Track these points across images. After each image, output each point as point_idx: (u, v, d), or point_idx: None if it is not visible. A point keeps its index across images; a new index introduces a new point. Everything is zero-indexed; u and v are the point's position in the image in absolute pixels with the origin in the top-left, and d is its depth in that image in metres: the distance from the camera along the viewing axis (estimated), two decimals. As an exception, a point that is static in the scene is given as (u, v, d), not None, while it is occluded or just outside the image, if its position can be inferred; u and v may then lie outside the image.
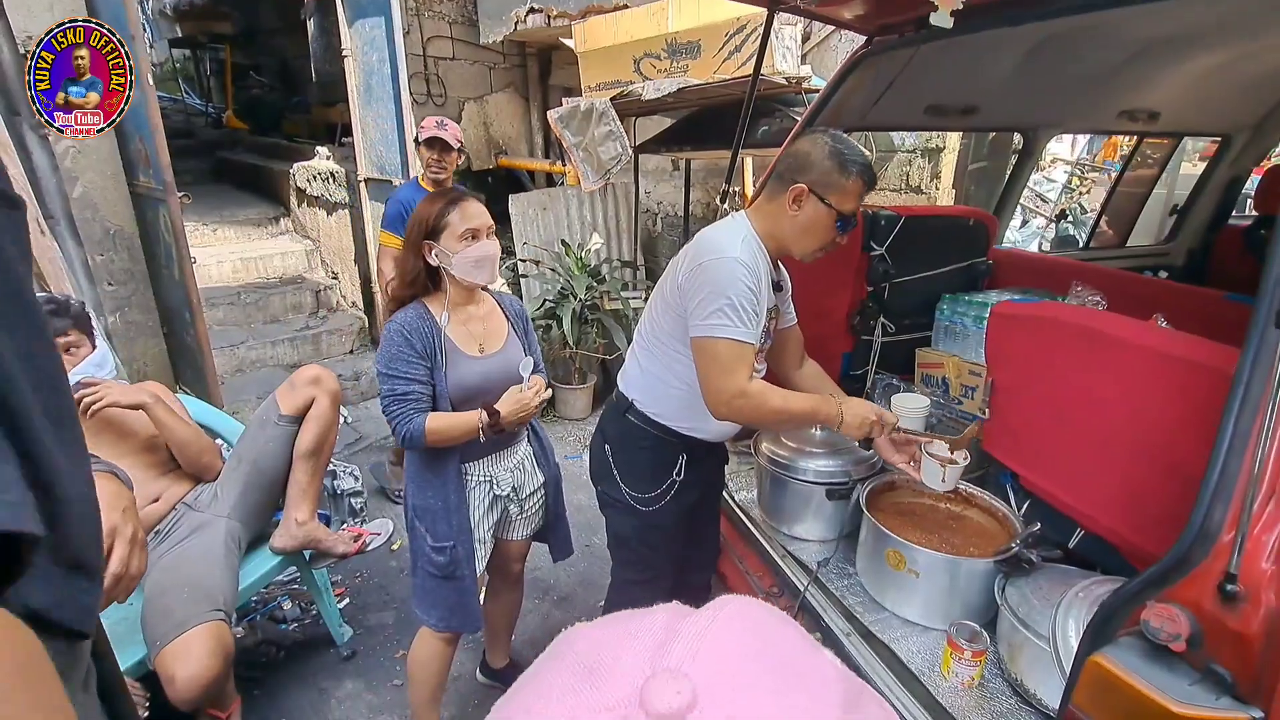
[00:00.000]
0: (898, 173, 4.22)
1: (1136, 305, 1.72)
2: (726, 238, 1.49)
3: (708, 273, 1.44)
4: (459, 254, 1.65)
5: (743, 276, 1.42)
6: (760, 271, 1.48)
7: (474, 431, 1.64)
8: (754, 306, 1.44)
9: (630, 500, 1.69)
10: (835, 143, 1.48)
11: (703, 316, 1.43)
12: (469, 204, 1.67)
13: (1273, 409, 0.78)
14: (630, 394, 1.68)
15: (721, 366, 1.44)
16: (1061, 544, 1.57)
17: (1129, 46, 2.21)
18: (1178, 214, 3.56)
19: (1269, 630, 0.78)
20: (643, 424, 1.66)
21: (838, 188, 1.46)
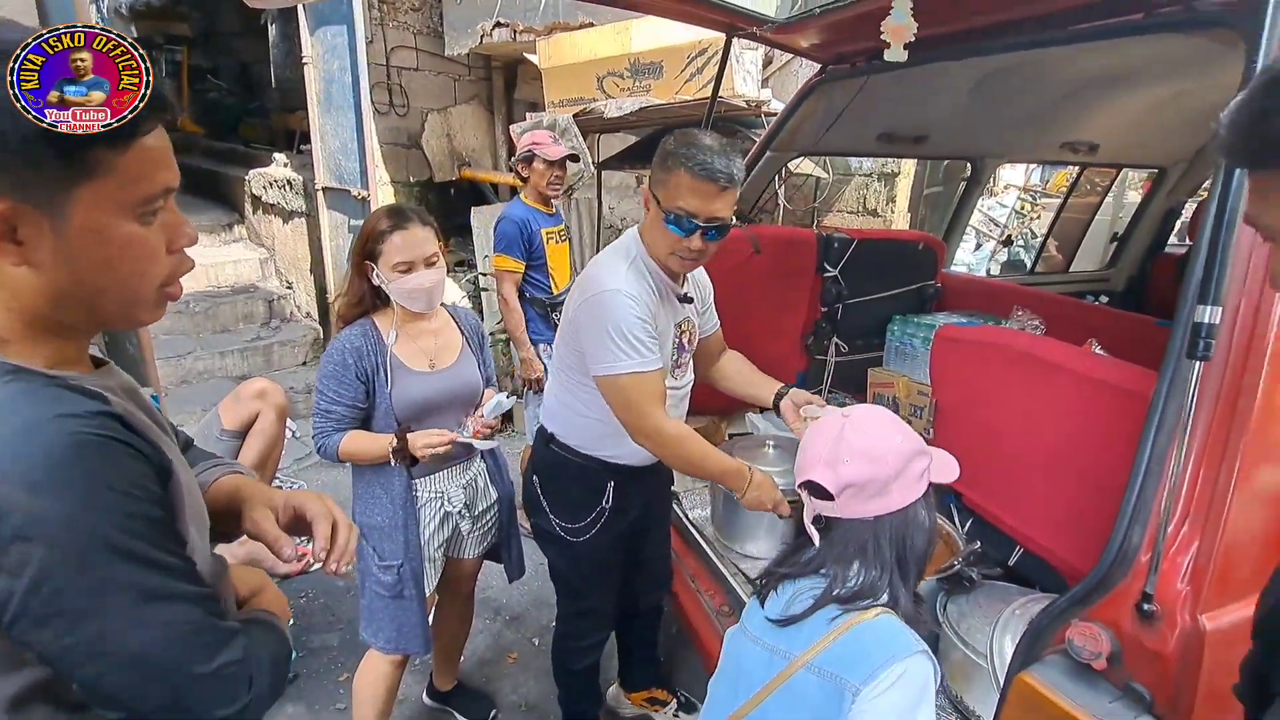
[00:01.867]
0: (854, 196, 4.32)
1: (1074, 330, 1.79)
2: (608, 269, 1.46)
3: (593, 309, 1.42)
4: (394, 283, 1.60)
5: (627, 307, 1.38)
6: (648, 295, 1.45)
7: (385, 455, 1.60)
8: (647, 333, 1.41)
9: (560, 532, 1.66)
10: (673, 140, 1.41)
11: (600, 356, 1.41)
12: (410, 231, 1.59)
13: (1186, 434, 0.81)
14: (550, 426, 1.67)
15: (630, 402, 1.42)
16: (1002, 562, 1.61)
17: (1069, 82, 2.32)
18: (1118, 242, 3.73)
19: (1184, 649, 0.81)
20: (565, 454, 1.64)
21: (663, 184, 1.40)
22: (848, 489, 0.96)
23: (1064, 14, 1.38)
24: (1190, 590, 0.82)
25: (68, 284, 0.60)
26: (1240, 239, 0.79)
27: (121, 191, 0.59)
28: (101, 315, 0.64)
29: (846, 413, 1.03)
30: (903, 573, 0.98)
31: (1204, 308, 0.77)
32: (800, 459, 1.04)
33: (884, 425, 1.02)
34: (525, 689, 2.33)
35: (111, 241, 0.60)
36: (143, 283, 0.63)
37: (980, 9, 1.51)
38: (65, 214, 0.57)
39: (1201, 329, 0.77)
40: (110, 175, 0.58)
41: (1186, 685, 0.81)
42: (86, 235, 0.59)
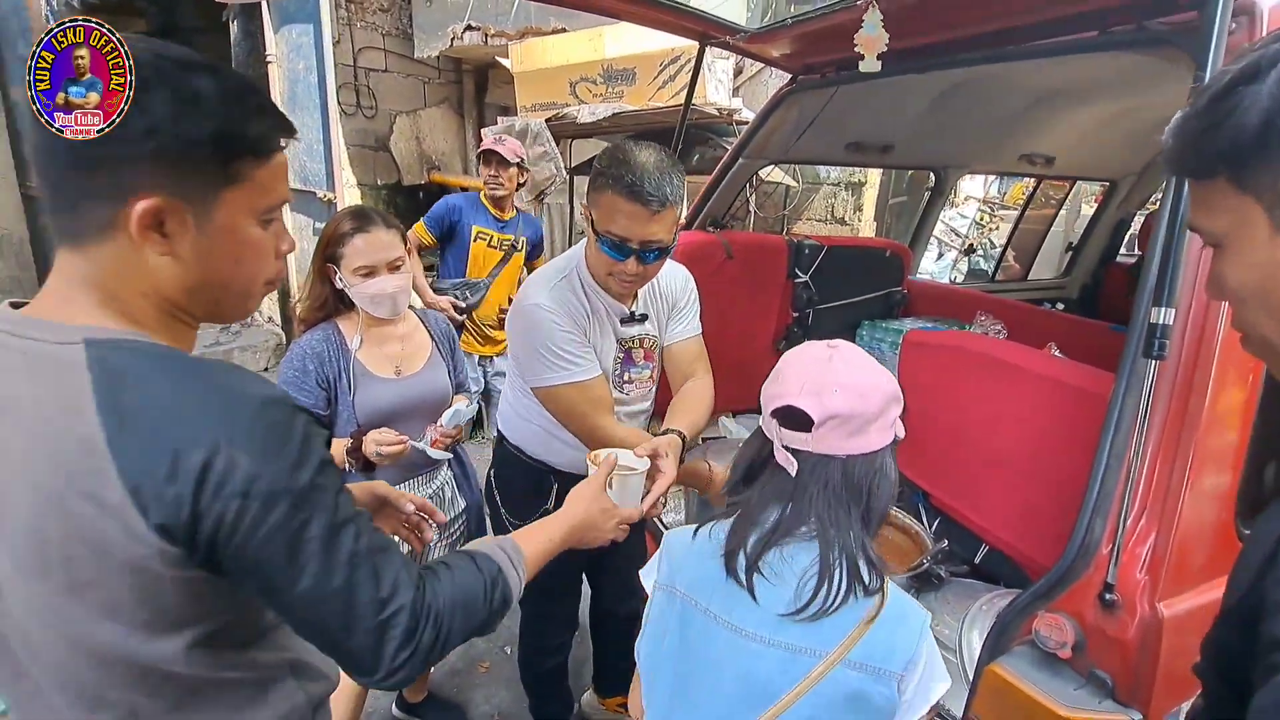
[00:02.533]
0: (823, 204, 4.41)
1: (1034, 334, 1.86)
2: (537, 281, 1.44)
3: (515, 323, 1.42)
4: (355, 287, 1.56)
5: (549, 320, 1.36)
6: (575, 309, 1.41)
7: (342, 460, 1.52)
8: (572, 344, 1.38)
9: (510, 528, 1.66)
10: (605, 157, 1.32)
11: (532, 369, 1.40)
12: (373, 234, 1.54)
13: (1142, 431, 0.85)
14: (502, 425, 1.71)
15: (571, 412, 1.41)
16: (968, 559, 1.65)
17: (1028, 96, 2.41)
18: (1072, 251, 3.87)
19: (1143, 636, 0.85)
20: (515, 453, 1.66)
21: (595, 205, 1.32)
22: (831, 420, 0.86)
23: (1023, 30, 1.44)
24: (1148, 579, 0.86)
25: (200, 275, 0.67)
26: (1191, 245, 0.84)
27: (255, 199, 0.68)
28: (221, 306, 0.72)
29: (834, 344, 0.95)
30: (866, 523, 0.91)
31: (1159, 309, 0.81)
32: (776, 386, 0.93)
33: (871, 362, 0.95)
34: (497, 698, 2.30)
35: (242, 241, 0.68)
36: (257, 279, 0.72)
37: (943, 24, 1.56)
38: (209, 213, 0.65)
39: (1156, 329, 0.81)
40: (250, 183, 0.67)
41: (1146, 670, 0.84)
42: (224, 234, 0.67)
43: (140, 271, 0.65)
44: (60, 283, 0.65)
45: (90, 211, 0.62)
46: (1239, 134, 0.50)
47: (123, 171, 0.61)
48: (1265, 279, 0.53)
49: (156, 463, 0.59)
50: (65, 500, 0.60)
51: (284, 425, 0.64)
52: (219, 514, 0.60)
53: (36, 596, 0.64)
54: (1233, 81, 0.51)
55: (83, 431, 0.59)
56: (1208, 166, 0.54)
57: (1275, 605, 0.47)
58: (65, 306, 0.65)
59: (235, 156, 0.65)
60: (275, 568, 0.63)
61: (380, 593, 0.67)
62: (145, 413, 0.60)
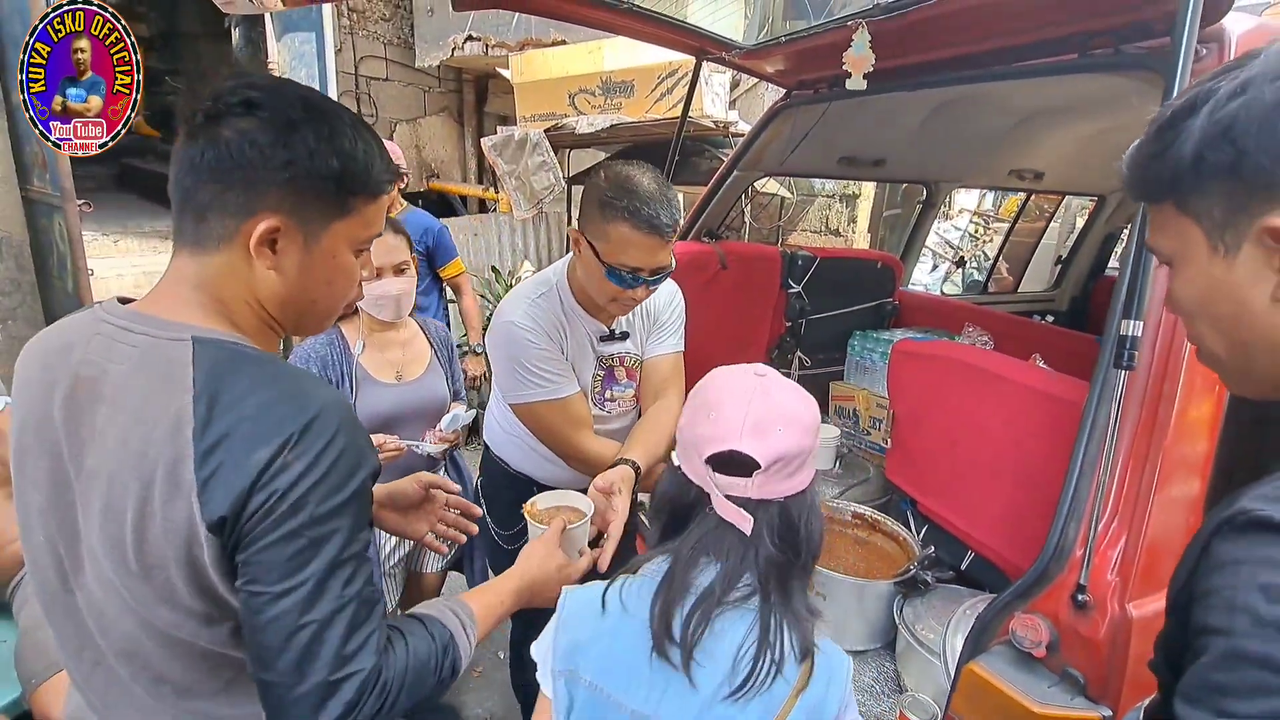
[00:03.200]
0: (818, 216, 4.47)
1: (1020, 346, 1.90)
2: (513, 300, 1.42)
3: (493, 340, 1.42)
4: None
5: (526, 338, 1.35)
6: (552, 327, 1.40)
7: None
8: (548, 362, 1.38)
9: (495, 537, 1.69)
10: (611, 183, 1.27)
11: (509, 386, 1.42)
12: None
13: (1112, 437, 0.89)
14: (487, 435, 1.73)
15: (549, 428, 1.43)
16: (955, 566, 1.68)
17: (1016, 113, 2.46)
18: (1061, 264, 3.93)
19: (1113, 636, 0.88)
20: (499, 463, 1.69)
21: (603, 236, 1.27)
22: (776, 463, 0.77)
23: (1007, 51, 1.48)
24: (1119, 581, 0.89)
25: (296, 291, 0.74)
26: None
27: (358, 230, 0.76)
28: (305, 319, 0.79)
29: (760, 371, 0.84)
30: (805, 572, 0.82)
31: (1128, 322, 0.85)
32: (709, 427, 0.79)
33: (797, 388, 0.85)
34: (490, 703, 2.31)
35: (338, 266, 0.76)
36: (341, 300, 0.80)
37: (930, 45, 1.61)
38: (318, 238, 0.73)
39: (1126, 341, 0.85)
40: (357, 217, 0.75)
41: (1116, 668, 0.88)
42: (325, 257, 0.74)
43: (247, 281, 0.72)
44: (173, 283, 0.72)
45: (217, 222, 0.69)
46: (1178, 164, 0.55)
47: (255, 193, 0.68)
48: (1206, 295, 0.57)
49: (228, 455, 0.63)
50: (150, 484, 0.64)
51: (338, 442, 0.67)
52: (257, 505, 0.63)
53: (117, 575, 0.67)
54: (1175, 115, 0.56)
55: (176, 419, 0.64)
56: (1156, 192, 0.59)
57: (1202, 593, 0.50)
58: (177, 305, 0.71)
59: (352, 193, 0.73)
60: (270, 573, 0.64)
61: (346, 648, 0.66)
62: (231, 409, 0.65)
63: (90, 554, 0.69)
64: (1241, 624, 0.46)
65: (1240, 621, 0.46)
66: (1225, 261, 0.55)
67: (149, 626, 0.69)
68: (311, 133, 0.69)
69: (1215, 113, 0.53)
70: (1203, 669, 0.48)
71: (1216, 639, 0.47)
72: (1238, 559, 0.48)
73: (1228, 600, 0.47)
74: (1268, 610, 0.45)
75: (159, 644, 0.69)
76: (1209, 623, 0.49)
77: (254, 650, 0.66)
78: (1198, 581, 0.52)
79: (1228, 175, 0.53)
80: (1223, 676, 0.46)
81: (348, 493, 0.67)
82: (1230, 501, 0.52)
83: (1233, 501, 0.52)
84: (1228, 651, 0.46)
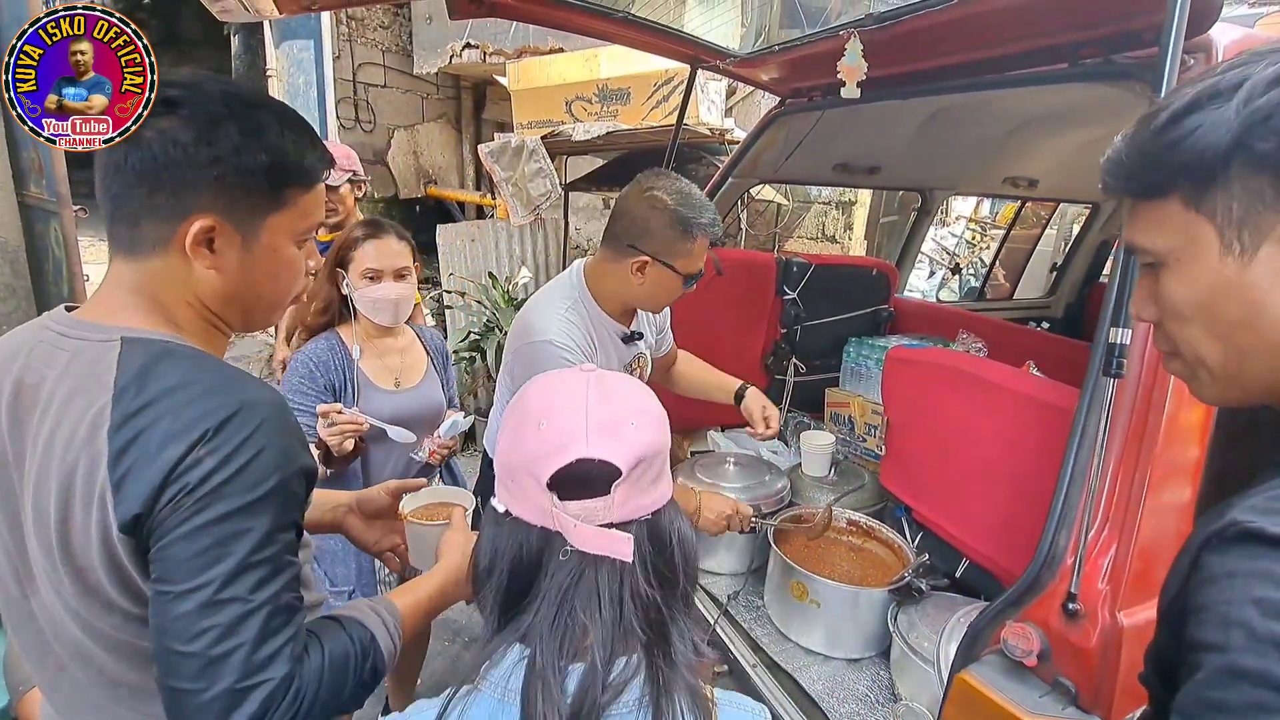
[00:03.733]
0: (814, 223, 4.48)
1: (1014, 352, 1.90)
2: (541, 315, 1.44)
3: (524, 358, 1.42)
4: (359, 291, 1.59)
5: (561, 357, 1.37)
6: (583, 340, 1.43)
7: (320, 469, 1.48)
8: None
9: None
10: (673, 200, 1.38)
11: None
12: (383, 241, 1.60)
13: (1102, 445, 0.89)
14: (490, 450, 1.71)
15: None
16: (949, 573, 1.68)
17: (1010, 122, 2.47)
18: (1056, 272, 3.94)
19: (1104, 644, 0.88)
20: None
21: (683, 253, 1.40)
22: (638, 466, 0.61)
23: (999, 60, 1.49)
24: (1109, 589, 0.89)
25: (238, 288, 0.73)
26: (1148, 269, 0.88)
27: (297, 222, 0.75)
28: (252, 315, 0.78)
29: (586, 367, 0.70)
30: (687, 604, 0.68)
31: (1116, 330, 0.85)
32: (534, 443, 0.63)
33: (631, 378, 0.73)
34: None
35: (281, 260, 0.75)
36: (288, 293, 0.79)
37: (923, 54, 1.62)
38: (256, 234, 0.72)
39: (1115, 349, 0.85)
40: (294, 209, 0.74)
41: (1107, 678, 0.87)
42: (266, 253, 0.73)
43: (186, 282, 0.71)
44: (112, 288, 0.71)
45: (150, 227, 0.68)
46: (1203, 153, 0.51)
47: (185, 193, 0.67)
48: (1210, 298, 0.54)
49: (142, 453, 0.62)
50: (70, 486, 0.63)
51: (258, 439, 0.64)
52: (166, 501, 0.62)
53: (52, 580, 0.67)
54: (1194, 102, 0.52)
55: (95, 420, 0.63)
56: (1161, 184, 0.55)
57: (1195, 607, 0.49)
58: (115, 309, 0.70)
59: (285, 185, 0.72)
60: (176, 570, 0.62)
61: (256, 655, 0.62)
62: (148, 408, 0.63)
63: (36, 560, 0.69)
64: (1237, 640, 0.45)
65: (1235, 637, 0.45)
66: (1239, 262, 0.52)
67: (92, 629, 0.68)
68: (236, 128, 0.67)
69: (1252, 100, 0.49)
70: (1199, 686, 0.47)
71: (1212, 655, 0.46)
72: (1230, 572, 0.47)
73: (1222, 615, 0.46)
74: (1263, 625, 0.44)
75: (105, 647, 0.69)
76: (1203, 638, 0.48)
77: (158, 653, 0.62)
78: (1189, 595, 0.51)
79: (1262, 168, 0.49)
80: (1219, 694, 0.45)
81: (262, 491, 0.64)
82: (1220, 512, 0.51)
83: (1222, 513, 0.51)
84: (1224, 668, 0.45)
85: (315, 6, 1.50)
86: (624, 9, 1.78)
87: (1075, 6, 1.25)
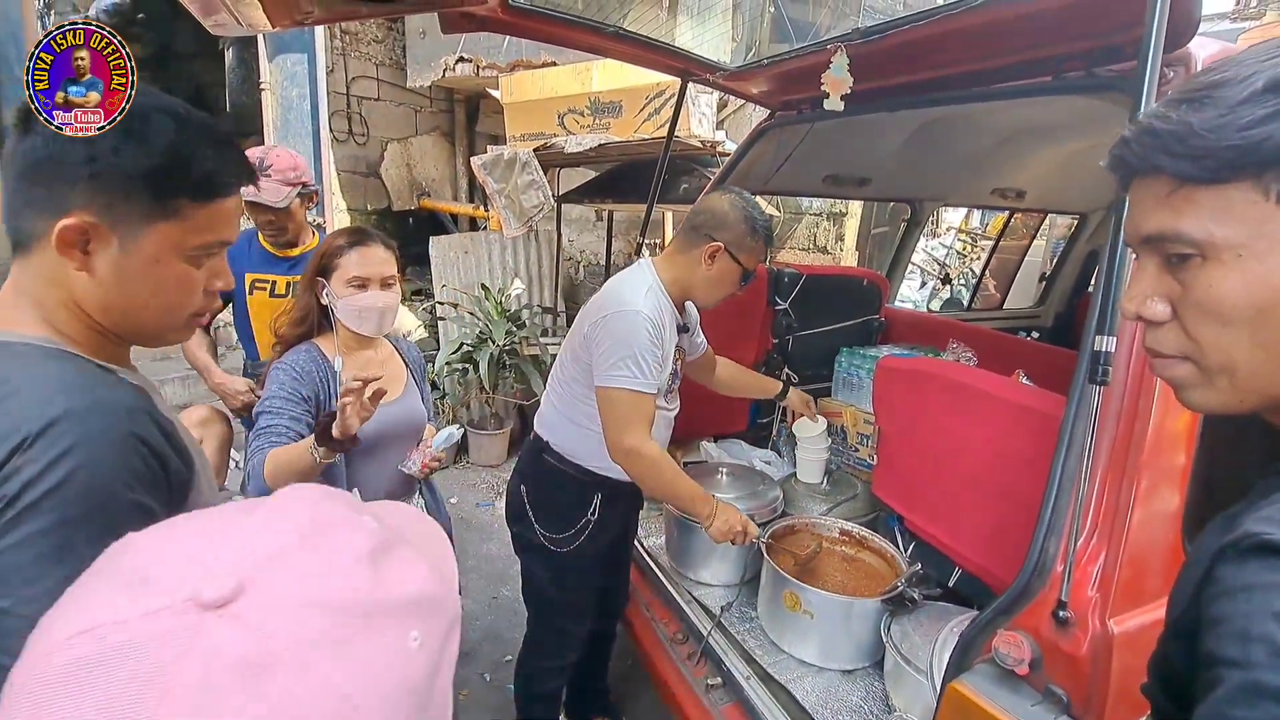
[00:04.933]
0: (805, 234, 4.51)
1: (1004, 362, 1.91)
2: (630, 290, 1.57)
3: (611, 325, 1.51)
4: (344, 300, 1.54)
5: (646, 328, 1.49)
6: (664, 321, 1.56)
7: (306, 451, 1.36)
8: (656, 358, 1.51)
9: (545, 541, 1.70)
10: (746, 205, 1.60)
11: (606, 367, 1.50)
12: (370, 249, 1.56)
13: (1090, 452, 0.90)
14: (545, 435, 1.73)
15: (620, 416, 1.51)
16: (942, 583, 1.68)
17: (997, 134, 2.51)
18: (1046, 282, 3.97)
19: (1095, 652, 0.88)
20: (558, 463, 1.69)
21: (748, 248, 1.58)
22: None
23: (984, 74, 1.51)
24: (1099, 597, 0.89)
25: (115, 297, 0.70)
26: (1131, 278, 0.89)
27: (187, 237, 0.70)
28: (138, 329, 0.74)
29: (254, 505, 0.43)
30: None
31: (1102, 338, 0.86)
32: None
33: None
34: (476, 725, 2.28)
35: (164, 273, 0.71)
36: (178, 311, 0.74)
37: (908, 68, 1.64)
38: (136, 241, 0.68)
39: (1100, 357, 0.85)
40: (184, 222, 0.70)
41: (1099, 685, 0.87)
42: (147, 263, 0.69)
43: (64, 284, 0.69)
44: (7, 290, 0.70)
45: (29, 221, 0.67)
46: None
47: (59, 190, 0.66)
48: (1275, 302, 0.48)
49: None
50: None
51: (78, 453, 0.62)
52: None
53: None
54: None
55: None
56: (1237, 166, 0.48)
57: (1211, 620, 0.47)
58: (4, 312, 0.69)
59: (172, 195, 0.68)
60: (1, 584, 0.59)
61: None
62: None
63: None
64: (1258, 655, 0.42)
65: (1257, 652, 0.42)
66: None
67: None
68: (119, 129, 0.66)
69: None
70: (1219, 702, 0.44)
71: (1232, 671, 0.44)
72: (1248, 585, 0.45)
73: (1241, 630, 0.44)
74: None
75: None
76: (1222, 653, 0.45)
77: None
78: (1203, 607, 0.48)
79: None
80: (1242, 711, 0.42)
81: (83, 509, 0.61)
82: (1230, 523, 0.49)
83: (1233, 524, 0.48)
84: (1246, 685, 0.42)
85: (308, 21, 1.51)
86: (615, 24, 1.80)
87: (1057, 21, 1.27)
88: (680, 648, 1.79)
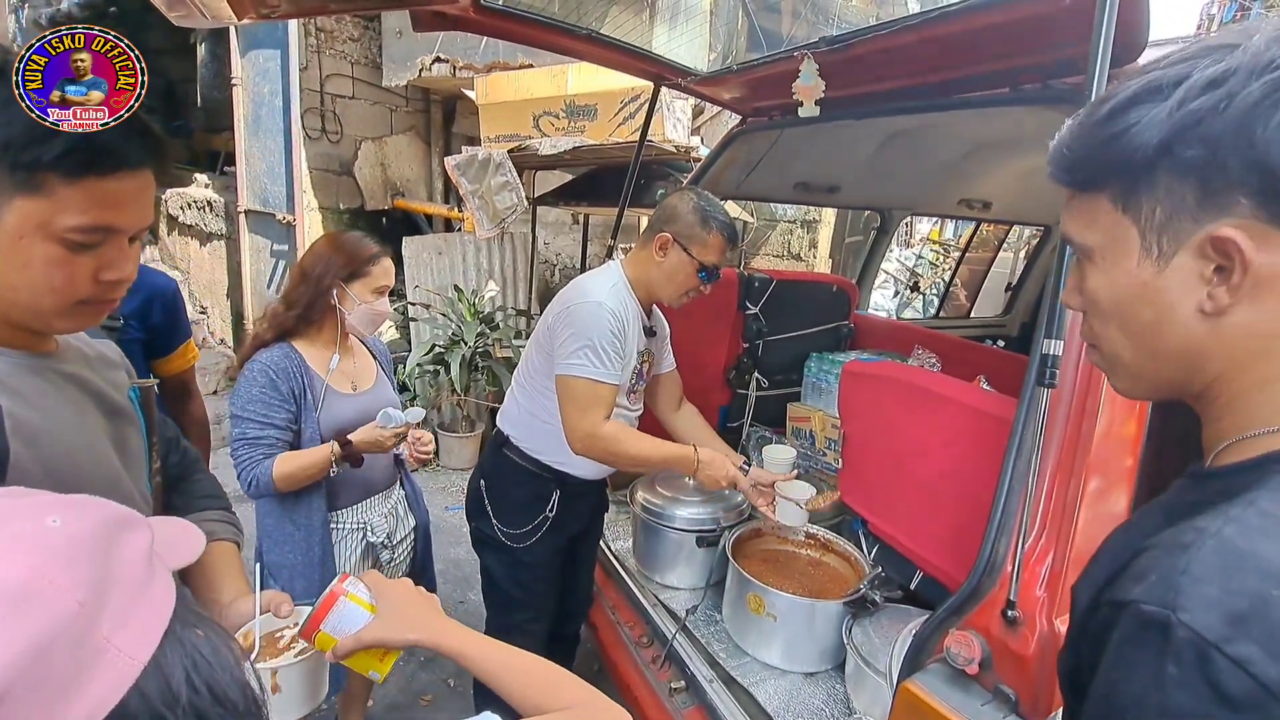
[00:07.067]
0: (779, 240, 4.55)
1: (967, 368, 1.95)
2: (595, 284, 1.58)
3: (573, 315, 1.53)
4: (365, 305, 1.65)
5: (607, 320, 1.51)
6: (627, 316, 1.57)
7: (326, 464, 1.56)
8: (616, 349, 1.52)
9: (502, 536, 1.70)
10: (700, 200, 1.61)
11: (565, 355, 1.52)
12: (388, 260, 1.71)
13: (1037, 453, 0.91)
14: (507, 429, 1.73)
15: (577, 405, 1.52)
16: (904, 585, 1.69)
17: (962, 145, 2.56)
18: (1011, 292, 4.06)
19: (1042, 651, 0.89)
20: (517, 458, 1.70)
21: (699, 240, 1.59)
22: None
23: (946, 84, 1.54)
24: (1047, 596, 0.90)
25: None
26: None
27: (55, 216, 0.65)
28: (15, 312, 0.70)
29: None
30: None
31: (1049, 341, 0.87)
32: None
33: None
34: (440, 731, 2.24)
35: (30, 252, 0.66)
36: (53, 295, 0.68)
37: (874, 77, 1.67)
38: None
39: (1048, 360, 0.87)
40: (49, 199, 0.64)
41: (1045, 685, 0.88)
42: (10, 239, 0.65)
43: None
44: None
45: None
46: (1135, 152, 0.50)
47: None
48: (1127, 299, 0.54)
49: None
50: None
51: None
52: None
53: None
54: (1135, 96, 0.50)
55: None
56: (1096, 178, 0.54)
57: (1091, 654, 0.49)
58: None
59: (34, 169, 0.63)
60: None
61: None
62: None
63: None
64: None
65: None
66: (1155, 266, 0.51)
67: None
68: None
69: (1187, 102, 0.47)
70: None
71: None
72: (1125, 653, 0.45)
73: (1105, 697, 0.46)
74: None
75: None
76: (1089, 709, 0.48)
77: None
78: (1090, 627, 0.50)
79: (1187, 174, 0.48)
80: None
81: None
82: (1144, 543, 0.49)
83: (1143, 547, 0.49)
84: None
85: (274, 15, 1.49)
86: (589, 27, 1.80)
87: (1014, 34, 1.30)
88: (645, 651, 1.78)
